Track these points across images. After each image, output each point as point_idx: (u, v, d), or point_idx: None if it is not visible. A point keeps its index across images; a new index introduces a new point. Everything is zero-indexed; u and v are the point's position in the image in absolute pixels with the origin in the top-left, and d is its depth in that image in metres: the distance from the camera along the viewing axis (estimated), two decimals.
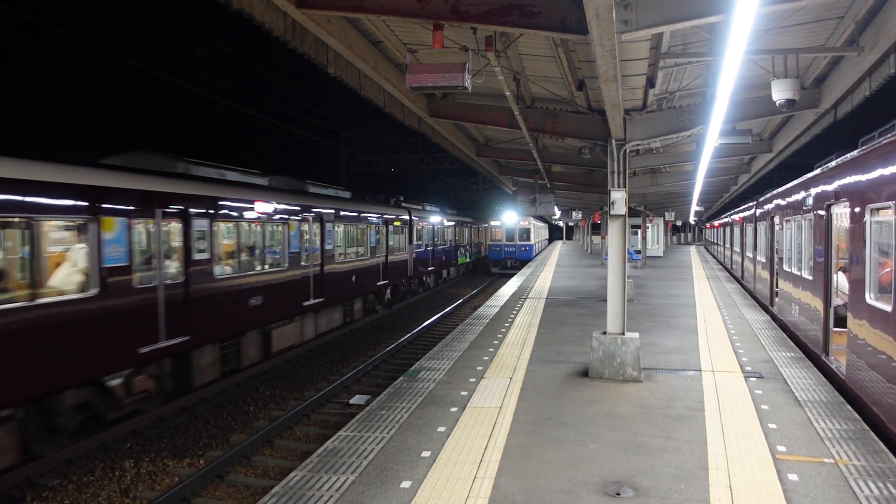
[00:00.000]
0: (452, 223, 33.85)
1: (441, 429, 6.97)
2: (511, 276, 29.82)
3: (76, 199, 8.84)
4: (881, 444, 6.36)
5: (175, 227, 10.97)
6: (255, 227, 13.64)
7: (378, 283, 21.38)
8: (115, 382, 9.57)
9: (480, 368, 9.67)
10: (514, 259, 41.68)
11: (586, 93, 10.23)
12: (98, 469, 8.89)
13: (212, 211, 11.92)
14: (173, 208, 10.82)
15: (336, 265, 17.64)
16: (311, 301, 15.87)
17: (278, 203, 14.43)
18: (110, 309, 9.31)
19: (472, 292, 30.10)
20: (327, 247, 16.94)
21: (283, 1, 6.47)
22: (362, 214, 19.87)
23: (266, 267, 13.96)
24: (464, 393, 8.36)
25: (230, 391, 12.64)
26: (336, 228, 17.73)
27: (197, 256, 11.42)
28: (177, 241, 11.02)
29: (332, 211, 17.36)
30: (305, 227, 15.72)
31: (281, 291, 14.41)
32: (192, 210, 11.29)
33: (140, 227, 10.11)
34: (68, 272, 8.86)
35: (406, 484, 5.57)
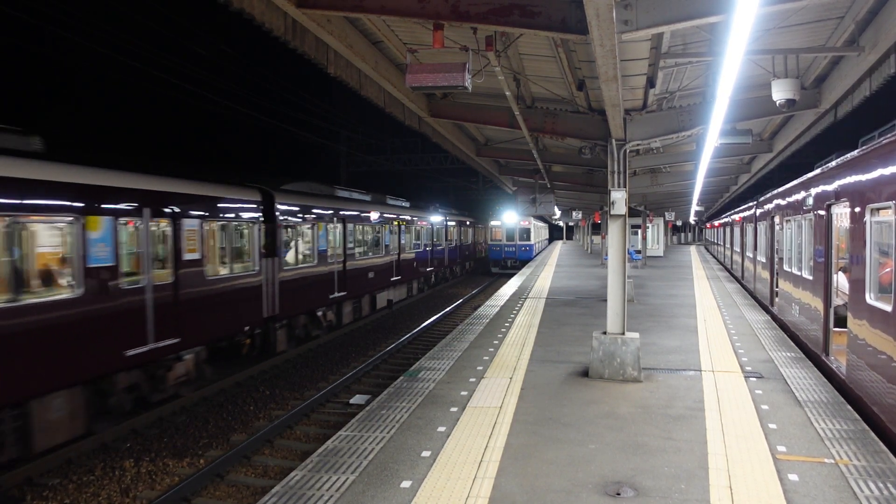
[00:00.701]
0: (472, 225, 42.15)
1: (441, 429, 6.97)
2: (511, 276, 29.83)
3: (310, 213, 16.71)
4: (881, 444, 6.36)
5: (339, 227, 18.48)
6: (369, 228, 21.41)
7: (427, 269, 29.80)
8: (319, 313, 17.31)
9: (480, 368, 9.67)
10: (514, 259, 41.67)
11: (586, 93, 10.23)
12: (98, 469, 8.89)
13: (353, 218, 19.67)
14: (339, 215, 18.51)
15: (406, 255, 25.59)
16: (394, 278, 23.93)
17: (377, 212, 22.07)
18: (320, 272, 17.12)
19: (472, 292, 30.10)
20: (402, 242, 25.08)
21: (283, 1, 6.47)
22: (414, 218, 27.22)
23: (373, 254, 21.70)
24: (464, 393, 8.36)
25: (230, 391, 12.65)
26: (405, 229, 25.62)
27: (349, 246, 19.10)
28: (340, 237, 18.53)
29: (402, 216, 25.28)
30: (389, 228, 23.43)
31: (380, 270, 22.24)
32: (345, 215, 18.94)
33: (328, 228, 17.70)
34: (296, 252, 16.13)
35: (406, 484, 5.58)
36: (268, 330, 14.58)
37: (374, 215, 21.63)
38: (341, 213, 18.62)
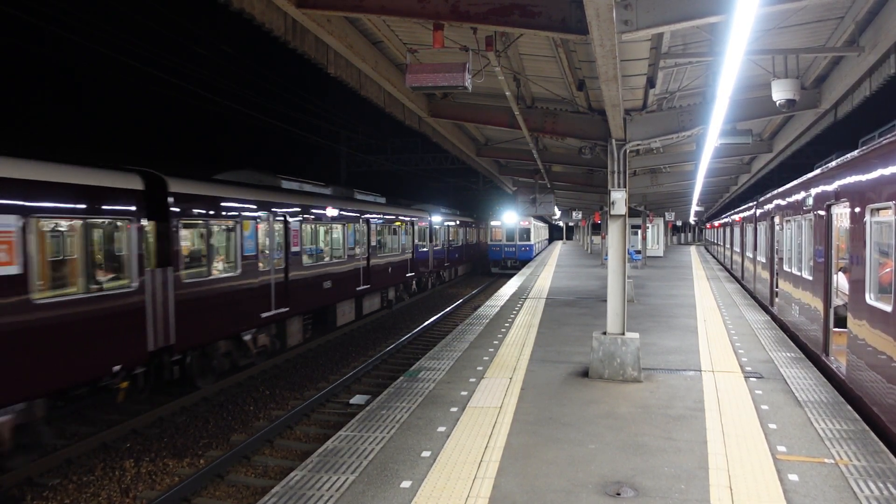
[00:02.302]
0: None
1: (441, 429, 6.97)
2: (511, 276, 29.83)
3: (441, 221, 31.98)
4: (881, 444, 6.36)
5: (446, 228, 32.58)
6: (457, 230, 35.45)
7: (475, 255, 41.56)
8: (443, 273, 32.73)
9: (480, 368, 9.67)
10: (514, 259, 41.66)
11: (586, 93, 10.23)
12: (98, 469, 8.89)
13: (455, 224, 35.01)
14: (445, 222, 32.58)
15: (467, 245, 39.15)
16: (463, 258, 37.94)
17: (457, 220, 35.67)
18: (442, 250, 31.89)
19: (472, 292, 30.10)
20: (466, 238, 38.80)
21: (283, 1, 6.47)
22: (470, 222, 39.52)
23: (456, 245, 35.10)
24: (464, 393, 8.36)
25: (230, 391, 12.64)
26: (467, 230, 38.80)
27: (449, 239, 33.41)
28: (448, 233, 32.90)
29: (463, 221, 37.65)
30: (459, 230, 36.52)
31: (459, 252, 36.36)
32: (448, 222, 33.04)
33: (445, 229, 32.28)
34: (438, 239, 31.48)
35: (406, 484, 5.58)
36: (428, 277, 29.65)
37: (456, 222, 35.68)
38: (445, 222, 32.48)
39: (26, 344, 8.20)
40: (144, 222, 10.43)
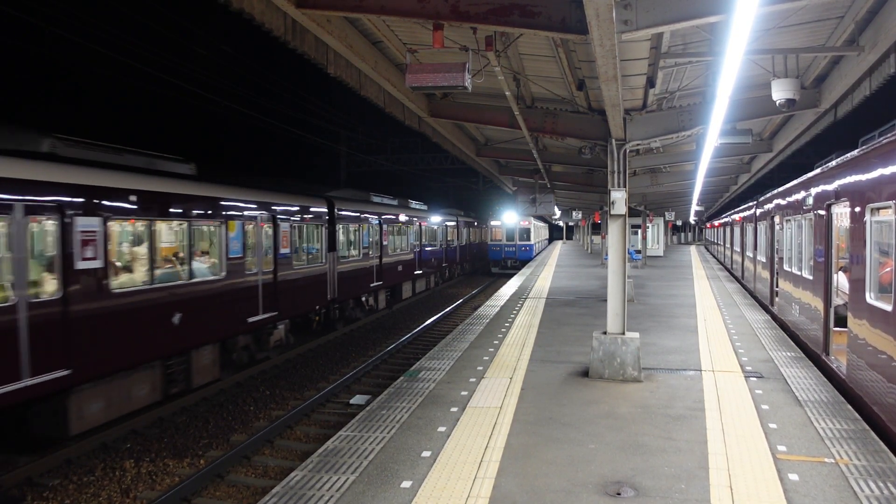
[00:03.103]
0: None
1: (441, 429, 6.97)
2: (511, 276, 29.84)
3: (473, 225, 42.75)
4: (881, 443, 6.37)
5: (479, 230, 44.00)
6: (475, 230, 43.26)
7: (478, 255, 46.71)
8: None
9: (480, 368, 9.67)
10: (514, 259, 41.70)
11: (586, 93, 10.22)
12: (98, 469, 8.89)
13: (478, 225, 44.61)
14: (473, 224, 42.35)
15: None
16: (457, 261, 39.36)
17: (470, 220, 41.28)
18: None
19: (472, 292, 30.10)
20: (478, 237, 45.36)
21: (283, 1, 6.47)
22: (476, 223, 43.01)
23: (473, 242, 41.61)
24: (464, 393, 8.36)
25: (230, 391, 12.65)
26: (473, 230, 42.52)
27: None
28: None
29: (466, 221, 41.01)
30: (478, 230, 43.69)
31: (473, 248, 41.72)
32: (475, 222, 43.40)
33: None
34: (471, 237, 41.85)
35: (406, 484, 5.58)
36: (454, 267, 35.30)
37: (474, 223, 40.98)
38: (466, 223, 38.20)
39: (292, 288, 15.26)
40: (326, 227, 17.70)
